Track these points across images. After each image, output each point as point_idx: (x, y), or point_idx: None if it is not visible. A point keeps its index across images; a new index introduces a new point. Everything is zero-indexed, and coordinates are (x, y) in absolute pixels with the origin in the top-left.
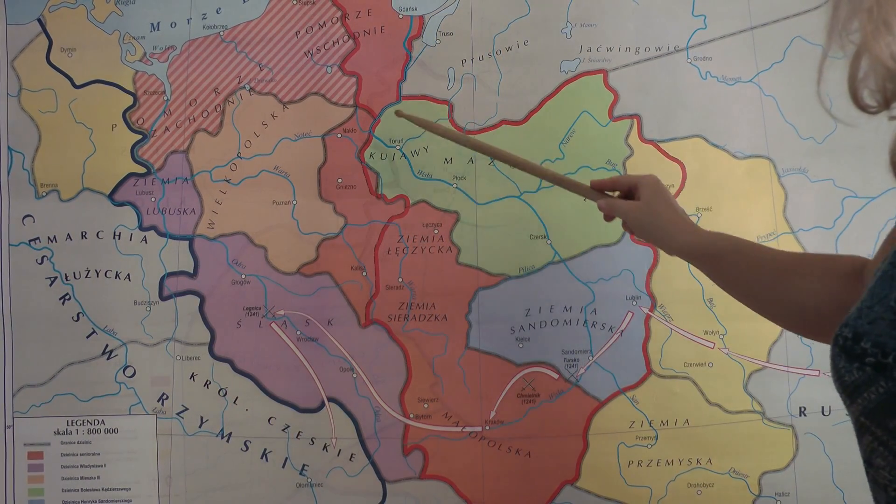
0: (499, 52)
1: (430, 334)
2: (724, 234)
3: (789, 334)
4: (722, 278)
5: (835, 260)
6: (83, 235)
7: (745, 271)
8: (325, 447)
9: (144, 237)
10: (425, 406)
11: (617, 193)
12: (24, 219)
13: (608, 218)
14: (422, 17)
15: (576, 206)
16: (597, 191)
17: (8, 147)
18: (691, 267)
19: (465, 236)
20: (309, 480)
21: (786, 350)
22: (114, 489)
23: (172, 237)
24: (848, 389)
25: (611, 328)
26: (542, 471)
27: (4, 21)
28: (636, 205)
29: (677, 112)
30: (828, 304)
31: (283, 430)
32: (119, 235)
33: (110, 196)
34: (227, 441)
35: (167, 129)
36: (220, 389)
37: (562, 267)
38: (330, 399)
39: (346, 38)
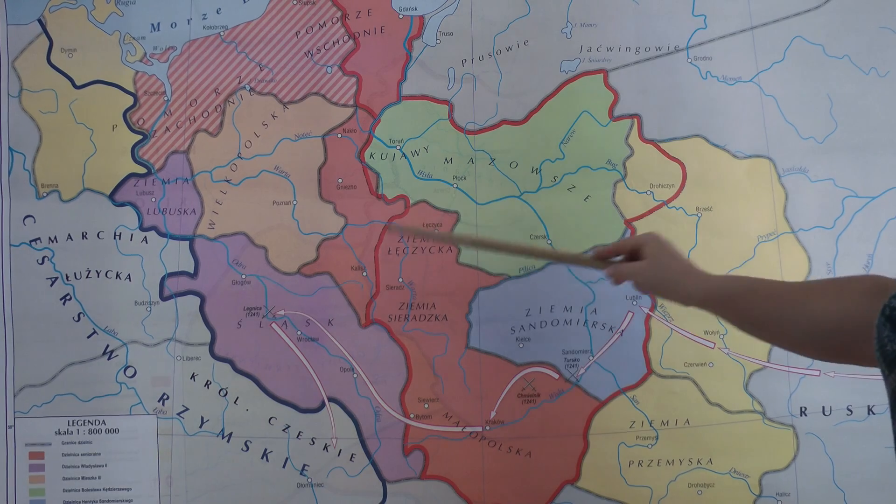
0: (499, 52)
1: (430, 334)
2: (734, 276)
3: None
4: (739, 319)
5: (850, 280)
6: (84, 236)
7: (760, 307)
8: (325, 447)
9: (145, 237)
10: (426, 406)
11: (621, 258)
12: (24, 219)
13: (618, 282)
14: (422, 17)
15: (576, 206)
16: (602, 260)
17: (9, 147)
18: None
19: None
20: (309, 480)
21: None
22: (114, 489)
23: (173, 237)
24: (889, 359)
25: (611, 328)
26: (542, 471)
27: (5, 21)
28: (642, 264)
29: (677, 112)
30: (847, 322)
31: (283, 430)
32: (119, 236)
33: (111, 196)
34: (228, 441)
35: (167, 129)
36: (221, 389)
37: (562, 267)
38: (330, 399)
39: (346, 38)
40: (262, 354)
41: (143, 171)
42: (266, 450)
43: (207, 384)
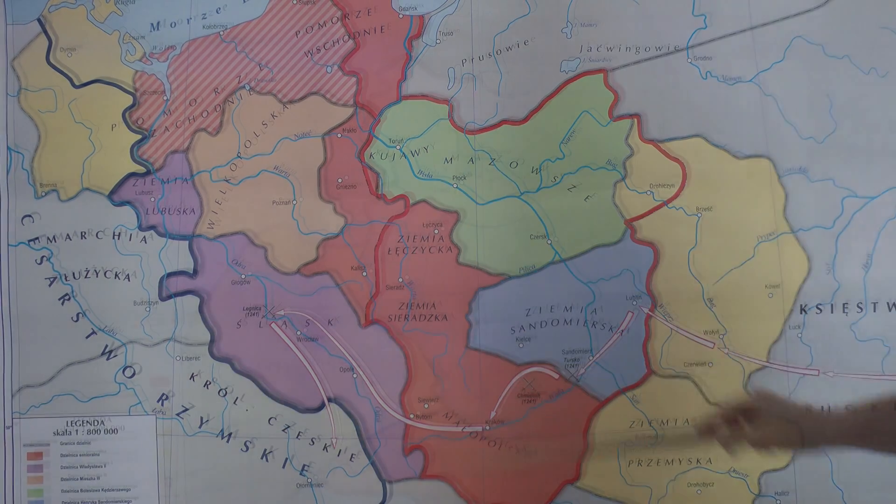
0: (499, 52)
1: (430, 334)
2: (857, 404)
3: (789, 334)
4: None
5: None
6: (83, 235)
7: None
8: (325, 447)
9: (144, 237)
10: (426, 406)
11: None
12: (23, 219)
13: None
14: (422, 17)
15: (576, 206)
16: (726, 424)
17: (7, 147)
18: (691, 266)
19: (465, 236)
20: (309, 480)
21: (785, 350)
22: (114, 490)
23: (172, 237)
24: None
25: (611, 328)
26: (542, 470)
27: (5, 21)
28: (776, 429)
29: (677, 112)
30: None
31: (283, 430)
32: (119, 235)
33: (110, 196)
34: (228, 441)
35: (167, 128)
36: (221, 390)
37: (562, 267)
38: (330, 399)
39: (346, 37)
40: (262, 354)
41: (142, 170)
42: (266, 450)
43: (207, 384)
